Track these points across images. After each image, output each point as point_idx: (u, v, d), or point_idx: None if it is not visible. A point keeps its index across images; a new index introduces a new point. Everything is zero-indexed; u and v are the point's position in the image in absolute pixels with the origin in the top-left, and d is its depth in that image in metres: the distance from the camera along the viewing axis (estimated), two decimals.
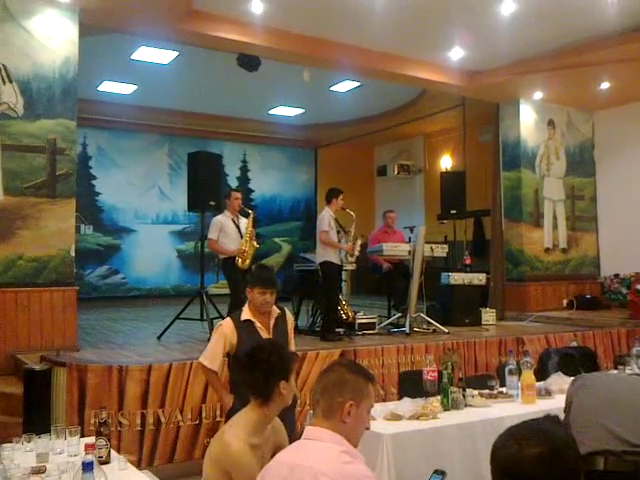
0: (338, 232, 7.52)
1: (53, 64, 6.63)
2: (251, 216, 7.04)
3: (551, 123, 10.89)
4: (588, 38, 8.21)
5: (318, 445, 2.01)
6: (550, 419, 1.64)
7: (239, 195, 7.16)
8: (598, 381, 3.08)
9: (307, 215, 14.97)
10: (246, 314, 3.81)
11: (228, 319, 3.88)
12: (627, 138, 10.75)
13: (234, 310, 6.77)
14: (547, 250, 10.72)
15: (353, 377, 2.13)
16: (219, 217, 7.07)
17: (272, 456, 2.61)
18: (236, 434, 2.45)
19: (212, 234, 6.95)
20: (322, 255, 7.39)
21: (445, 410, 3.76)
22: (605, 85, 9.72)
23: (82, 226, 12.26)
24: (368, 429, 2.19)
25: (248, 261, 6.83)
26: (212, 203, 7.79)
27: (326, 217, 7.41)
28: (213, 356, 3.74)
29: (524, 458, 1.49)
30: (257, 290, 3.77)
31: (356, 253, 7.53)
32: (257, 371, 2.59)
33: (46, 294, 6.45)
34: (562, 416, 2.83)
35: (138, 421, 5.20)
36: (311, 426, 2.12)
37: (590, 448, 2.48)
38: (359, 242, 7.55)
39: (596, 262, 11.32)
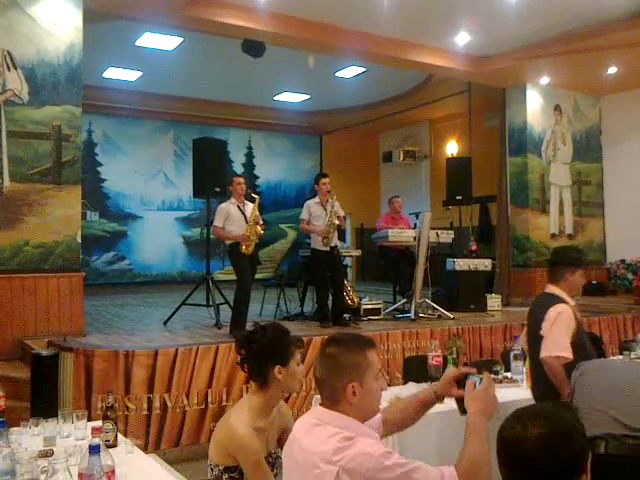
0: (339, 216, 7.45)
1: (58, 50, 6.61)
2: (257, 201, 7.01)
3: (558, 108, 10.83)
4: (595, 23, 8.15)
5: (322, 429, 1.98)
6: (559, 403, 1.65)
7: (241, 180, 7.13)
8: (599, 367, 3.08)
9: None
10: (570, 300, 3.49)
11: (565, 305, 3.48)
12: (634, 123, 10.68)
13: (241, 296, 6.86)
14: (553, 236, 10.69)
15: (347, 356, 2.04)
16: (223, 204, 7.06)
17: (278, 440, 2.64)
18: (241, 418, 2.46)
19: (217, 222, 6.95)
20: (312, 242, 7.45)
21: None
22: (612, 70, 9.66)
23: (88, 212, 12.30)
24: (385, 390, 2.14)
25: (252, 246, 6.82)
26: (217, 189, 7.78)
27: (306, 205, 7.47)
28: (567, 346, 3.29)
29: (527, 438, 1.50)
30: (580, 272, 3.52)
31: (333, 227, 7.21)
32: (249, 354, 2.59)
33: (53, 280, 6.48)
34: None
35: (145, 405, 5.24)
36: (321, 407, 2.07)
37: (591, 432, 2.49)
38: (335, 222, 7.30)
39: (602, 248, 11.30)
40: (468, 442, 2.00)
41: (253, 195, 7.10)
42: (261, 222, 6.96)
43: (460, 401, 2.22)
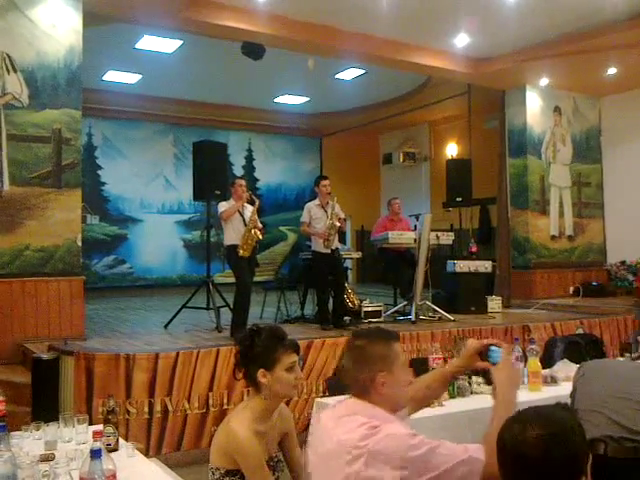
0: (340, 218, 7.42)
1: (57, 53, 6.62)
2: (256, 205, 7.00)
3: (557, 109, 10.83)
4: (594, 24, 8.15)
5: (350, 419, 2.00)
6: (559, 406, 1.65)
7: (243, 182, 7.14)
8: (600, 369, 3.07)
9: None
10: None
11: None
12: (634, 124, 10.67)
13: (241, 298, 6.84)
14: (553, 237, 10.69)
15: (374, 347, 2.08)
16: (224, 202, 7.10)
17: (279, 443, 2.63)
18: (242, 421, 2.45)
19: (221, 208, 6.97)
20: (313, 245, 7.44)
21: (451, 397, 3.77)
22: (612, 71, 9.66)
23: (88, 216, 12.31)
24: (412, 383, 2.18)
25: (249, 250, 6.81)
26: (217, 192, 7.78)
27: (306, 208, 7.47)
28: None
29: (526, 439, 1.50)
30: None
31: (334, 230, 7.19)
32: (237, 356, 2.60)
33: (53, 284, 6.48)
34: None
35: (146, 409, 5.23)
36: (351, 399, 2.09)
37: (591, 434, 2.48)
38: (336, 223, 7.22)
39: (602, 249, 11.29)
40: (496, 412, 2.04)
41: (254, 198, 7.09)
42: (260, 226, 6.94)
43: (486, 373, 2.29)
